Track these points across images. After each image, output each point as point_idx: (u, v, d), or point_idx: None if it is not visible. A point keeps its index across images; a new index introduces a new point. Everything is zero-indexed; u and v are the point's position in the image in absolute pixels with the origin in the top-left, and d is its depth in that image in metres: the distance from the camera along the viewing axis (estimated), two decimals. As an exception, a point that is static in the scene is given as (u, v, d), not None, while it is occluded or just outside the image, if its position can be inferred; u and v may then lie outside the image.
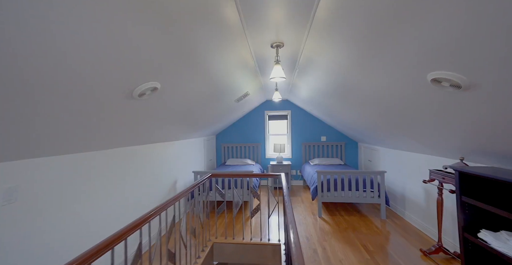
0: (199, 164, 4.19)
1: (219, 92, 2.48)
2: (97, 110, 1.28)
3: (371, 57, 1.39)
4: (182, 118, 2.45)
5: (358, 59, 1.51)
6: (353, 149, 4.84)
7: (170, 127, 2.48)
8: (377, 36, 1.17)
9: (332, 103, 2.98)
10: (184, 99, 2.01)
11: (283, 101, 5.09)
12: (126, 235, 1.11)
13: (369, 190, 3.04)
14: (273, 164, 4.66)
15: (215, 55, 1.65)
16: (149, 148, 2.54)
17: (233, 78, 2.33)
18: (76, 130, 1.34)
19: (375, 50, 1.29)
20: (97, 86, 1.11)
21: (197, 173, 3.34)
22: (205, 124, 3.43)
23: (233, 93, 2.85)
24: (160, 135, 2.51)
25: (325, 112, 3.79)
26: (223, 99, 2.81)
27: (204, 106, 2.56)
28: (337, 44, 1.48)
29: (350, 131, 4.06)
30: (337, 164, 4.47)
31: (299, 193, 4.41)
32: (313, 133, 5.00)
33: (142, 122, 1.84)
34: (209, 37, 1.34)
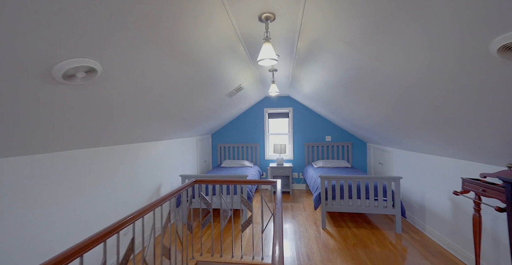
0: (191, 166, 3.82)
1: (204, 83, 2.10)
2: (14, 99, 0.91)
3: (390, 25, 0.98)
4: (158, 114, 2.08)
5: (373, 30, 1.09)
6: (361, 150, 4.39)
7: (143, 126, 2.11)
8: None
9: (338, 97, 2.56)
10: (150, 88, 1.63)
11: (284, 98, 4.68)
12: (82, 252, 0.95)
13: (382, 199, 2.61)
14: (273, 167, 4.26)
15: (191, 34, 1.26)
16: (122, 150, 2.18)
17: (219, 65, 1.95)
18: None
19: (398, 13, 0.88)
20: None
21: (184, 177, 2.97)
22: (194, 122, 3.05)
23: (222, 86, 2.46)
24: (134, 135, 2.15)
25: (330, 108, 3.37)
26: (211, 92, 2.43)
27: (186, 100, 2.18)
28: (346, 11, 1.07)
29: (358, 129, 3.62)
30: (343, 166, 4.03)
31: (301, 198, 3.99)
32: (316, 133, 4.57)
33: (92, 118, 1.47)
34: (180, 8, 0.96)
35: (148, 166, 2.57)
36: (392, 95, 1.66)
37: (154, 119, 2.09)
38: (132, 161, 2.33)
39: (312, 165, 4.29)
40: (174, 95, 1.91)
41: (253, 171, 4.06)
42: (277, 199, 1.71)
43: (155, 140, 2.71)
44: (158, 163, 2.78)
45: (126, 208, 2.21)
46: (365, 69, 1.56)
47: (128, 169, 2.26)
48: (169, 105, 2.02)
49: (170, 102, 1.99)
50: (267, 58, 1.37)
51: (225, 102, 3.06)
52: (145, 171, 2.53)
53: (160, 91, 1.71)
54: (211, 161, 4.88)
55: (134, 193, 2.34)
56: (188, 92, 2.06)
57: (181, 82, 1.81)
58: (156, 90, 1.65)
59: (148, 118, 2.03)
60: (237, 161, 4.48)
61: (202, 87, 2.15)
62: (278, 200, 1.67)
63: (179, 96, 1.99)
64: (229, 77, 2.36)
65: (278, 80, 3.18)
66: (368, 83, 1.75)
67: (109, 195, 2.02)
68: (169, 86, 1.73)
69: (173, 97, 1.94)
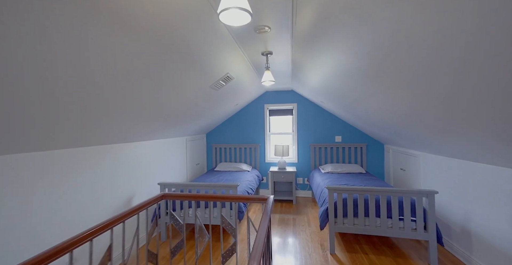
0: (179, 171, 3.34)
1: (178, 70, 1.58)
2: None
3: None
4: (120, 107, 1.58)
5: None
6: (378, 153, 3.75)
7: (103, 125, 1.62)
8: None
9: (352, 88, 1.98)
10: (92, 72, 1.13)
11: (286, 92, 4.11)
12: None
13: (409, 219, 2.00)
14: (274, 171, 3.71)
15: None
16: (80, 153, 1.70)
17: (193, 45, 1.43)
18: None
19: None
20: None
21: (164, 185, 2.48)
22: (177, 119, 2.55)
23: (204, 74, 1.94)
24: (87, 136, 1.67)
25: (341, 103, 2.77)
26: (191, 83, 1.91)
27: (158, 91, 1.68)
28: None
29: (375, 128, 3.00)
30: (356, 172, 3.42)
31: (306, 209, 3.42)
32: (325, 132, 3.97)
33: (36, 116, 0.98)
34: None
35: (117, 172, 2.10)
36: (434, 80, 1.08)
37: (117, 115, 1.60)
38: (93, 167, 1.85)
39: (319, 169, 3.70)
40: (135, 84, 1.41)
41: (250, 176, 3.53)
42: (262, 225, 1.18)
43: (126, 142, 2.23)
44: (131, 169, 2.30)
45: (83, 223, 1.74)
46: (393, 46, 0.98)
47: (88, 177, 1.79)
48: (133, 96, 1.52)
49: (133, 94, 1.49)
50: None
51: (212, 95, 2.54)
52: (112, 179, 2.05)
53: (112, 80, 1.20)
54: (206, 163, 4.39)
55: (94, 206, 1.86)
56: (157, 81, 1.55)
57: (143, 68, 1.30)
58: (102, 77, 1.14)
59: (106, 115, 1.54)
60: (233, 164, 3.96)
61: (175, 75, 1.64)
62: (263, 228, 1.15)
63: (144, 86, 1.49)
64: (210, 63, 1.84)
65: (277, 68, 2.62)
66: (396, 66, 1.17)
67: (65, 207, 1.54)
68: (128, 73, 1.22)
69: (136, 87, 1.44)
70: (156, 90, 1.70)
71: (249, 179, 3.37)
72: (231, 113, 4.12)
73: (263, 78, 2.00)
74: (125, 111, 1.67)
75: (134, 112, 1.79)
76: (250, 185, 3.18)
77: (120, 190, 2.16)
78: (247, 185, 3.08)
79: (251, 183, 3.30)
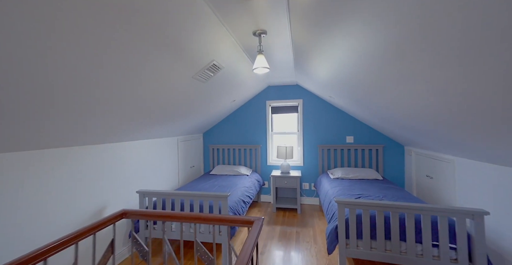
0: (170, 174, 2.99)
1: (147, 52, 1.21)
2: None
3: None
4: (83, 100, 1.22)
5: None
6: (397, 156, 3.24)
7: (71, 124, 1.27)
8: None
9: (369, 77, 1.53)
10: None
11: (291, 87, 3.66)
12: None
13: (446, 245, 1.53)
14: (276, 176, 3.29)
15: None
16: (54, 155, 1.36)
17: (163, 23, 1.04)
18: None
19: None
20: None
21: (143, 193, 2.12)
22: (160, 117, 2.19)
23: (181, 61, 1.55)
24: (56, 136, 1.32)
25: (353, 96, 2.31)
26: (165, 71, 1.53)
27: (130, 80, 1.31)
28: None
29: (394, 127, 2.51)
30: (371, 178, 2.94)
31: (312, 220, 2.98)
32: (334, 132, 3.50)
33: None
34: None
35: (90, 177, 1.75)
36: (501, 53, 0.63)
37: (88, 112, 1.24)
38: (63, 171, 1.51)
39: (328, 174, 3.24)
40: (101, 74, 1.04)
41: (248, 181, 3.13)
42: (241, 255, 0.77)
43: (102, 143, 1.89)
44: (107, 174, 1.95)
45: (48, 235, 1.40)
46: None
47: (56, 182, 1.45)
48: (104, 89, 1.15)
49: (104, 86, 1.12)
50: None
51: (199, 89, 2.15)
52: (84, 185, 1.71)
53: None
54: (203, 166, 4.03)
55: (64, 215, 1.52)
56: (126, 69, 1.17)
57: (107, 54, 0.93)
58: (64, 68, 0.78)
59: (76, 112, 1.18)
60: (231, 167, 3.57)
61: (147, 63, 1.26)
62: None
63: (113, 75, 1.11)
64: (188, 47, 1.44)
65: (276, 56, 2.20)
66: (444, 35, 0.72)
67: (36, 213, 1.21)
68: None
69: (104, 77, 1.07)
70: (128, 81, 1.33)
71: (246, 185, 2.97)
72: (229, 111, 3.73)
73: (255, 64, 1.58)
74: (97, 107, 1.31)
75: (107, 109, 1.43)
76: (247, 192, 2.78)
77: (93, 198, 1.82)
78: (243, 192, 2.68)
79: (249, 190, 2.90)
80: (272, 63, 2.42)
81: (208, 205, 2.04)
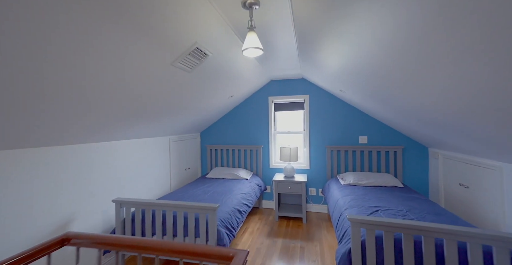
0: (160, 178, 2.69)
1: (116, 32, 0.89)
2: None
3: None
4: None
5: None
6: (419, 160, 2.81)
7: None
8: None
9: (392, 59, 1.15)
10: None
11: (296, 81, 3.28)
12: None
13: (500, 284, 1.13)
14: (279, 180, 2.93)
15: None
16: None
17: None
18: None
19: None
20: None
21: (120, 202, 1.82)
22: (144, 113, 1.89)
23: (154, 43, 1.22)
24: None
25: (368, 90, 1.92)
26: (137, 56, 1.21)
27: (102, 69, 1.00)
28: None
29: (417, 125, 2.10)
30: (389, 186, 2.52)
31: (319, 231, 2.60)
32: (345, 131, 3.10)
33: None
34: None
35: (57, 183, 1.47)
36: None
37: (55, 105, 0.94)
38: (29, 174, 1.23)
39: (338, 180, 2.85)
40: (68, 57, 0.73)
41: (247, 186, 2.78)
42: None
43: (75, 143, 1.60)
44: (79, 178, 1.67)
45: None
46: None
47: (15, 189, 1.17)
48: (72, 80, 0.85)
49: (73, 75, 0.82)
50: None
51: (184, 79, 1.82)
52: (51, 191, 1.43)
53: None
54: (200, 168, 3.72)
55: (23, 228, 1.24)
56: (86, 46, 0.86)
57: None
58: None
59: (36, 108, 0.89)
60: (229, 170, 3.24)
61: (112, 45, 0.94)
62: None
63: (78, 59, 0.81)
64: (162, 26, 1.11)
65: (272, 36, 1.83)
66: None
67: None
68: None
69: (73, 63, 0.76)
70: (93, 66, 1.02)
71: (245, 191, 2.63)
72: (228, 108, 3.40)
73: (245, 44, 1.23)
74: (63, 100, 1.01)
75: (73, 99, 1.13)
76: (245, 200, 2.44)
77: (55, 209, 1.53)
78: (239, 200, 2.34)
79: (248, 196, 2.56)
80: (271, 49, 2.05)
81: (194, 218, 1.72)
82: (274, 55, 2.20)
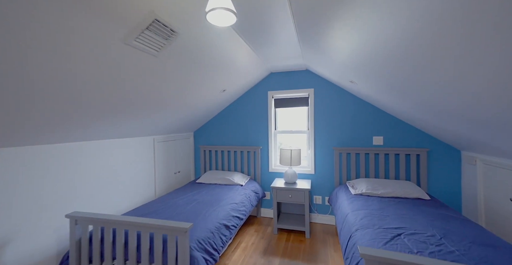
0: (142, 184, 2.37)
1: None
2: None
3: None
4: None
5: None
6: (449, 165, 2.32)
7: None
8: None
9: (413, 49, 0.73)
10: None
11: (299, 73, 2.86)
12: None
13: None
14: (279, 187, 2.54)
15: None
16: None
17: None
18: None
19: None
20: None
21: (75, 219, 1.49)
22: (112, 108, 1.56)
23: (93, 11, 0.87)
24: None
25: (387, 80, 1.48)
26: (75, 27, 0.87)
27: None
28: None
29: (450, 122, 1.63)
30: (411, 197, 2.06)
31: (325, 249, 2.19)
32: (356, 130, 2.65)
33: None
34: None
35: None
36: None
37: None
38: None
39: (347, 188, 2.42)
40: None
41: (240, 194, 2.41)
42: None
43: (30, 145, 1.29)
44: (23, 187, 1.36)
45: None
46: None
47: None
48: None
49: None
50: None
51: (151, 64, 1.46)
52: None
53: None
54: (194, 171, 3.38)
55: None
56: None
57: None
58: None
59: None
60: (223, 174, 2.88)
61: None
62: None
63: None
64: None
65: (262, 11, 1.43)
66: None
67: None
68: None
69: None
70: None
71: (236, 200, 2.25)
72: (223, 104, 3.03)
73: (210, 3, 0.85)
74: None
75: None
76: (236, 211, 2.07)
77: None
78: (228, 212, 1.97)
79: (239, 207, 2.18)
80: (265, 30, 1.65)
81: (161, 240, 1.36)
82: (270, 39, 1.80)
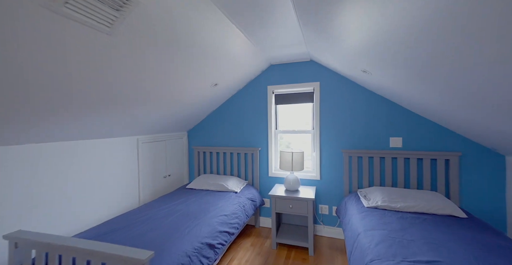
0: (125, 190, 2.09)
1: None
2: None
3: None
4: None
5: None
6: (488, 173, 1.89)
7: None
8: None
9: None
10: None
11: (303, 64, 2.50)
12: None
13: None
14: (278, 196, 2.20)
15: None
16: None
17: None
18: None
19: None
20: None
21: (14, 240, 1.21)
22: (79, 101, 1.28)
23: None
24: None
25: (412, 67, 1.10)
26: None
27: None
28: None
29: (494, 119, 1.23)
30: (441, 214, 1.66)
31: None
32: (369, 130, 2.26)
33: None
34: None
35: None
36: None
37: None
38: None
39: (359, 198, 2.04)
40: None
41: (233, 204, 2.09)
42: None
43: None
44: None
45: None
46: None
47: None
48: None
49: None
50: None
51: (104, 43, 1.16)
52: None
53: None
54: (188, 174, 3.09)
55: None
56: None
57: None
58: None
59: None
60: (217, 178, 2.57)
61: None
62: None
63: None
64: None
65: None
66: None
67: None
68: None
69: None
70: None
71: (227, 211, 1.94)
72: (218, 101, 2.72)
73: None
74: None
75: None
76: (225, 226, 1.76)
77: None
78: (215, 227, 1.66)
79: (231, 219, 1.87)
80: (253, 7, 1.30)
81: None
82: (265, 21, 1.45)
